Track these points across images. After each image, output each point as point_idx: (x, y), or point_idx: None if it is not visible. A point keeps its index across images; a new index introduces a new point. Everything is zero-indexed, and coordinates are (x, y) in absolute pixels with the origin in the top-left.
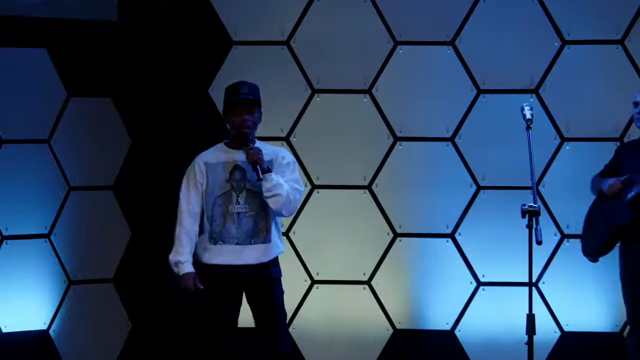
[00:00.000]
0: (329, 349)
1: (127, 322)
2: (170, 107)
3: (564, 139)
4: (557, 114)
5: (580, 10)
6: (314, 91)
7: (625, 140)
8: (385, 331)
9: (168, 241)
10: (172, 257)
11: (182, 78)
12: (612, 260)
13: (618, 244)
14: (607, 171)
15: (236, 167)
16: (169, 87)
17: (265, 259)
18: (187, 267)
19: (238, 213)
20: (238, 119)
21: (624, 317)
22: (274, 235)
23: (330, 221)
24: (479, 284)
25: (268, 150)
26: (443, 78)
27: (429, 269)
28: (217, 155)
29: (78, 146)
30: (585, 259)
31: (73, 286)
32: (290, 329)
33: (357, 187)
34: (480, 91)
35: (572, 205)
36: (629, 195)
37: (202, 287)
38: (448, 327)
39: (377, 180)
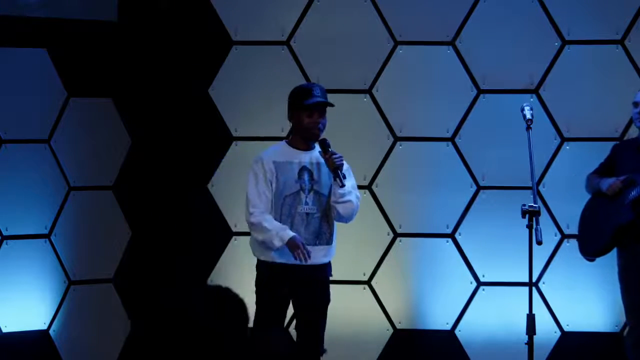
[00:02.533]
0: (329, 349)
1: (127, 322)
2: (170, 107)
3: (564, 139)
4: (557, 114)
5: (580, 10)
6: None
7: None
8: (385, 331)
9: (168, 241)
10: (265, 236)
11: (182, 78)
12: (612, 260)
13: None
14: (603, 169)
15: (304, 168)
16: (169, 87)
17: (326, 260)
18: (288, 234)
19: (307, 214)
20: (311, 121)
21: (624, 317)
22: (334, 238)
23: None
24: (479, 284)
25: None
26: (443, 78)
27: (429, 269)
28: (284, 154)
29: (78, 146)
30: (584, 258)
31: (73, 286)
32: (290, 329)
33: (357, 187)
34: (480, 91)
35: (572, 205)
36: (631, 195)
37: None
38: (448, 327)
39: (377, 180)
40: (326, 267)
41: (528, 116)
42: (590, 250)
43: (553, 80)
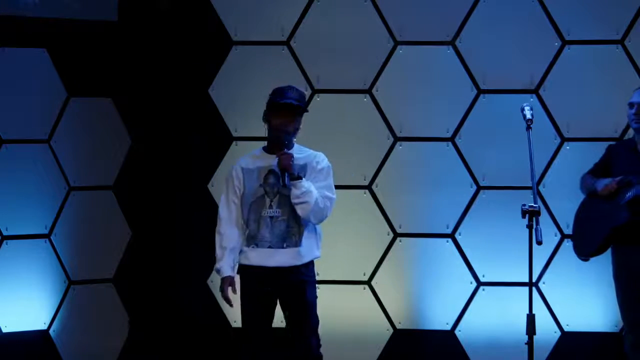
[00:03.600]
0: (329, 349)
1: (127, 322)
2: (170, 107)
3: (564, 139)
4: (557, 114)
5: (580, 10)
6: (314, 91)
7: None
8: (385, 331)
9: (168, 241)
10: (215, 266)
11: (182, 78)
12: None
13: (611, 246)
14: (598, 170)
15: (271, 172)
16: (169, 87)
17: (297, 262)
18: (224, 272)
19: (271, 217)
20: (278, 121)
21: None
22: (308, 239)
23: (330, 221)
24: (479, 284)
25: (305, 154)
26: (443, 78)
27: (429, 269)
28: (254, 160)
29: (78, 146)
30: (579, 258)
31: (73, 286)
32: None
33: (357, 187)
34: (480, 91)
35: (572, 205)
36: (627, 196)
37: (235, 292)
38: (448, 327)
39: (377, 180)
40: (299, 269)
41: (528, 116)
42: (586, 250)
43: (553, 80)
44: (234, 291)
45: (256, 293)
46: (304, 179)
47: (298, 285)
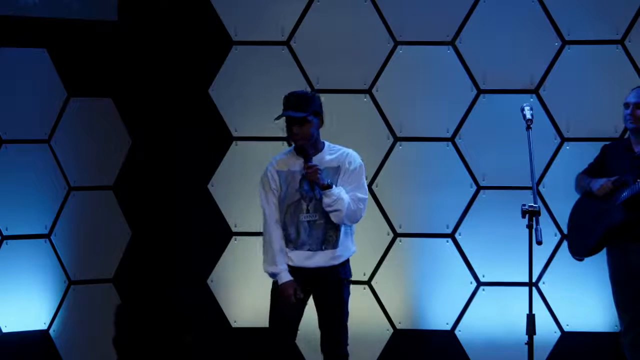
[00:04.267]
0: None
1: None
2: (170, 107)
3: (564, 139)
4: (557, 114)
5: (580, 10)
6: (314, 91)
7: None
8: (385, 331)
9: (168, 241)
10: (268, 269)
11: (182, 78)
12: None
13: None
14: (593, 170)
15: (304, 177)
16: (169, 87)
17: (335, 262)
18: (285, 277)
19: (309, 221)
20: (291, 134)
21: None
22: (344, 240)
23: None
24: (479, 284)
25: (337, 154)
26: (443, 78)
27: (429, 269)
28: (288, 164)
29: (78, 146)
30: (574, 258)
31: (73, 286)
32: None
33: None
34: (480, 91)
35: (572, 205)
36: (622, 196)
37: (302, 295)
38: (448, 327)
39: (377, 180)
40: (337, 269)
41: (528, 116)
42: (581, 250)
43: (553, 80)
44: (300, 294)
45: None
46: (334, 185)
47: (335, 284)
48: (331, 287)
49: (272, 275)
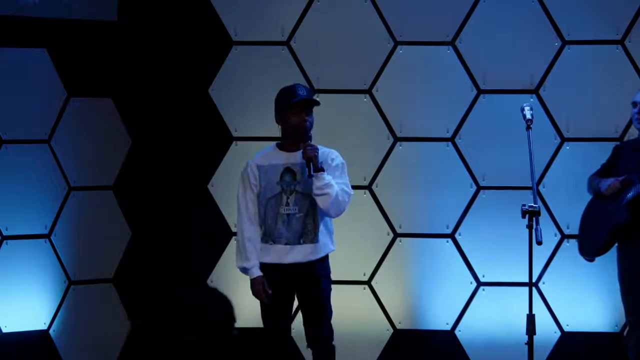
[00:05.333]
0: None
1: (127, 322)
2: (170, 107)
3: (564, 139)
4: (557, 114)
5: (580, 10)
6: (314, 91)
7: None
8: (385, 331)
9: (168, 241)
10: (239, 264)
11: (182, 78)
12: (612, 260)
13: (616, 244)
14: (605, 170)
15: (287, 170)
16: (169, 87)
17: (313, 258)
18: (255, 272)
19: (288, 214)
20: (298, 119)
21: (624, 317)
22: (323, 235)
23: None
24: (479, 284)
25: (319, 152)
26: (443, 78)
27: (429, 269)
28: (269, 157)
29: (78, 146)
30: (584, 259)
31: (73, 286)
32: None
33: (357, 187)
34: (480, 91)
35: (572, 205)
36: (628, 196)
37: (270, 291)
38: (448, 327)
39: (377, 180)
40: (315, 265)
41: (528, 116)
42: (589, 250)
43: (553, 81)
44: (269, 289)
45: (275, 292)
46: (325, 171)
47: (314, 279)
48: (311, 283)
49: (244, 270)
